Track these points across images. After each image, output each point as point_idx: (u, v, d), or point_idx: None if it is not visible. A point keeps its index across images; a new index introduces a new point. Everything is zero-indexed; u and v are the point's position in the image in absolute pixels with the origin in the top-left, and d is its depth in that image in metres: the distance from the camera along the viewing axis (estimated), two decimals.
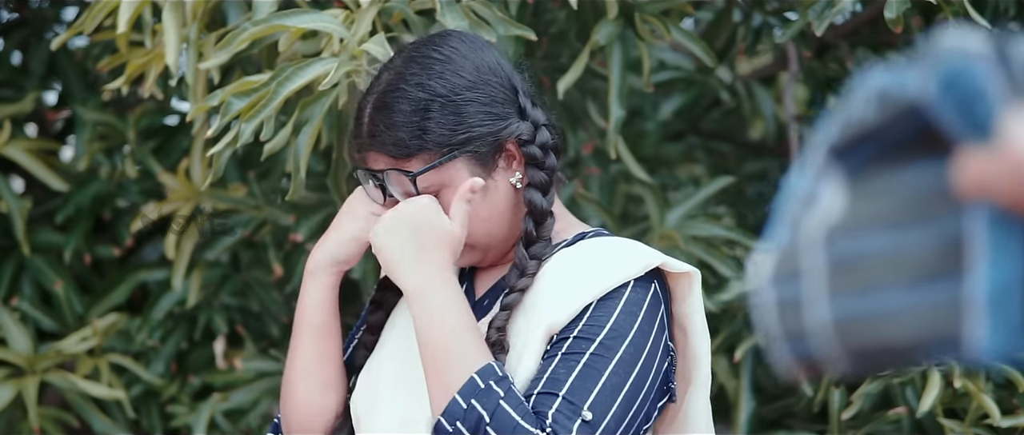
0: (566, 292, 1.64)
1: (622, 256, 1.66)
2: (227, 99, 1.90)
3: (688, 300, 1.69)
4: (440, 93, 1.66)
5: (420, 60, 1.69)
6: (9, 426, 2.86)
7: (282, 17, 1.94)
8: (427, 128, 1.65)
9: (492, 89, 1.69)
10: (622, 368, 1.60)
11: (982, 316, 0.65)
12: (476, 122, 1.67)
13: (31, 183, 3.16)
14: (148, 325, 2.94)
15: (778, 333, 0.74)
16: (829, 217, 0.71)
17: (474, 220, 1.69)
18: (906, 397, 2.51)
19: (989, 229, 0.65)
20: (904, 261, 0.67)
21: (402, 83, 1.67)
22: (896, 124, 0.67)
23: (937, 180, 0.66)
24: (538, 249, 1.70)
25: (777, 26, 2.95)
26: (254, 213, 2.88)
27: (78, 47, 3.16)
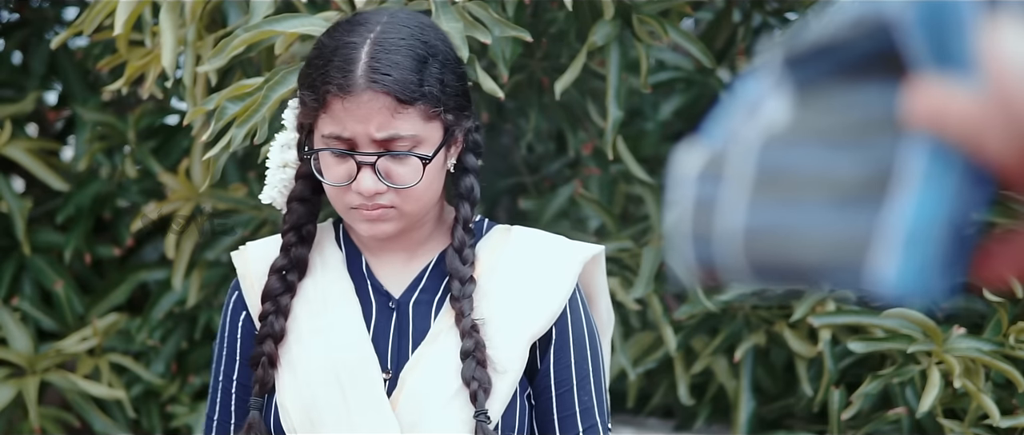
0: (534, 298, 1.69)
1: (563, 254, 1.74)
2: (222, 103, 1.90)
3: (597, 275, 1.79)
4: (439, 52, 1.65)
5: (417, 18, 1.68)
6: (9, 426, 2.86)
7: (273, 22, 1.94)
8: (428, 79, 1.62)
9: (465, 76, 1.71)
10: (603, 362, 1.77)
11: (896, 249, 0.63)
12: (457, 93, 1.67)
13: (31, 183, 3.16)
14: (148, 325, 2.94)
15: (685, 233, 0.72)
16: (769, 126, 0.68)
17: (429, 191, 1.66)
18: (906, 397, 2.51)
19: (927, 162, 0.63)
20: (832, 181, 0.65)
21: (405, 33, 1.64)
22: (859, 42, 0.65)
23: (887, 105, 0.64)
24: (469, 237, 1.72)
25: (777, 26, 2.95)
26: (254, 213, 2.88)
27: (78, 47, 3.17)
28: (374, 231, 1.67)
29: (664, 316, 2.65)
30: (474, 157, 1.74)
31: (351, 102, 1.62)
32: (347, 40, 1.65)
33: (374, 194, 1.63)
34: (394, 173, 1.64)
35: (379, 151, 1.62)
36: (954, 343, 2.38)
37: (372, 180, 1.63)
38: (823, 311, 2.58)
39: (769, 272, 0.68)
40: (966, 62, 0.61)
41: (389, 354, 1.70)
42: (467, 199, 1.72)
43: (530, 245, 1.74)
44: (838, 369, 2.57)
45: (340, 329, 1.70)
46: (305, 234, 1.76)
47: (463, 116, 1.69)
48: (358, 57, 1.62)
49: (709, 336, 2.80)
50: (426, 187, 1.66)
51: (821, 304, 2.62)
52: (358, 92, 1.61)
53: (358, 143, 1.63)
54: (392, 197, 1.64)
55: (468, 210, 1.72)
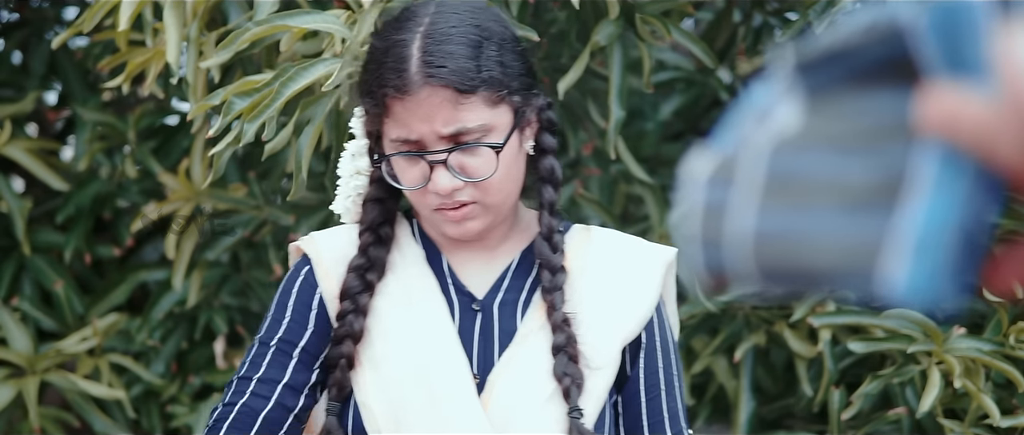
0: (626, 301, 1.65)
1: (648, 255, 1.69)
2: (229, 99, 1.90)
3: (669, 278, 1.73)
4: (495, 34, 1.57)
5: (464, 6, 1.61)
6: (9, 426, 2.86)
7: (284, 17, 1.94)
8: (486, 64, 1.55)
9: (525, 49, 1.64)
10: (682, 366, 1.74)
11: (907, 255, 0.63)
12: (522, 72, 1.59)
13: (31, 183, 3.16)
14: (148, 325, 2.94)
15: (694, 237, 0.72)
16: (780, 131, 0.68)
17: (509, 178, 1.59)
18: (906, 397, 2.51)
19: (939, 168, 0.63)
20: (844, 186, 0.65)
21: (456, 19, 1.57)
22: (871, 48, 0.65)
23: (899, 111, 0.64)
24: (557, 221, 1.65)
25: (777, 26, 2.95)
26: (254, 213, 2.88)
27: (78, 47, 3.17)
28: (462, 231, 1.62)
29: None
30: (551, 136, 1.66)
31: (411, 102, 1.55)
32: (397, 38, 1.59)
33: (452, 192, 1.57)
34: (469, 166, 1.57)
35: (449, 147, 1.56)
36: (954, 343, 2.38)
37: (448, 178, 1.56)
38: (823, 311, 2.59)
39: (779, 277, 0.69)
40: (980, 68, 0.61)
41: (474, 357, 1.63)
42: (550, 181, 1.65)
43: (615, 246, 1.69)
44: (838, 369, 2.57)
45: (427, 327, 1.64)
46: (383, 235, 1.69)
47: (532, 95, 1.61)
48: (410, 54, 1.56)
49: (709, 336, 2.80)
50: (506, 176, 1.59)
51: (821, 304, 2.62)
52: (415, 90, 1.55)
53: (426, 142, 1.56)
54: (472, 192, 1.58)
55: (552, 193, 1.65)
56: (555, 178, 1.65)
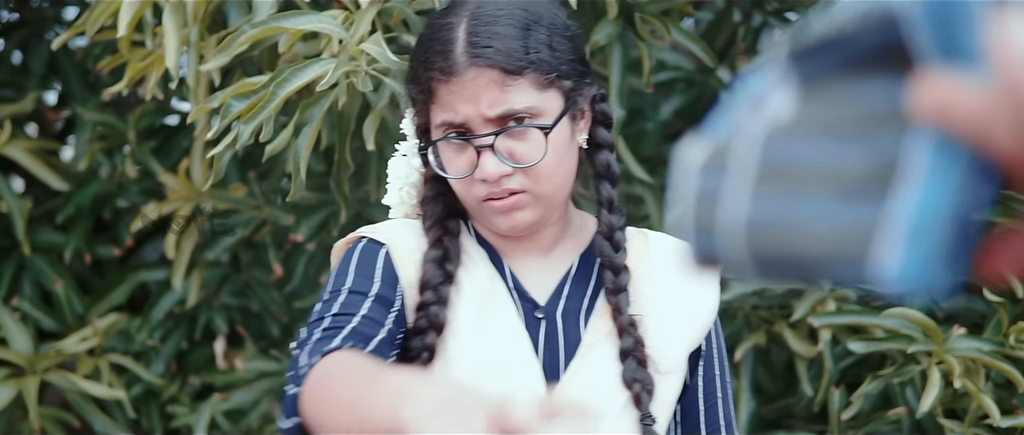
0: (690, 307, 1.60)
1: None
2: (227, 101, 1.90)
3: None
4: (545, 18, 1.52)
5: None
6: (9, 426, 2.86)
7: (281, 19, 1.94)
8: (534, 46, 1.49)
9: (578, 37, 1.57)
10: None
11: (899, 243, 0.63)
12: (572, 58, 1.53)
13: (31, 183, 3.16)
14: (148, 325, 2.94)
15: (688, 224, 0.71)
16: (774, 118, 0.68)
17: (560, 167, 1.52)
18: (906, 397, 2.51)
19: (932, 156, 0.62)
20: (837, 174, 0.65)
21: (502, 5, 1.52)
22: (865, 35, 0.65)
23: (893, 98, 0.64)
24: (617, 218, 1.58)
25: (777, 26, 2.95)
26: (254, 213, 2.88)
27: (78, 47, 3.17)
28: (511, 222, 1.54)
29: None
30: (606, 130, 1.59)
31: (456, 83, 1.49)
32: (443, 22, 1.54)
33: (500, 178, 1.50)
34: (517, 152, 1.50)
35: (495, 130, 1.49)
36: (954, 343, 2.38)
37: (495, 163, 1.49)
38: (823, 311, 2.58)
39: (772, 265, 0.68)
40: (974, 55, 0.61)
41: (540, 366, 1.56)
42: (607, 177, 1.58)
43: (674, 249, 1.62)
44: (838, 369, 2.57)
45: (499, 330, 1.56)
46: (451, 228, 1.61)
47: (583, 83, 1.54)
48: (456, 36, 1.51)
49: None
50: (556, 163, 1.52)
51: (821, 304, 2.62)
52: (461, 71, 1.49)
53: (472, 126, 1.50)
54: (521, 179, 1.51)
55: (610, 189, 1.58)
56: (612, 174, 1.58)
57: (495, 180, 1.50)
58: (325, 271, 2.90)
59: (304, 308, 2.98)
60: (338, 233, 2.84)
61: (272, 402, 2.92)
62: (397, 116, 2.08)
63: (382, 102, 2.02)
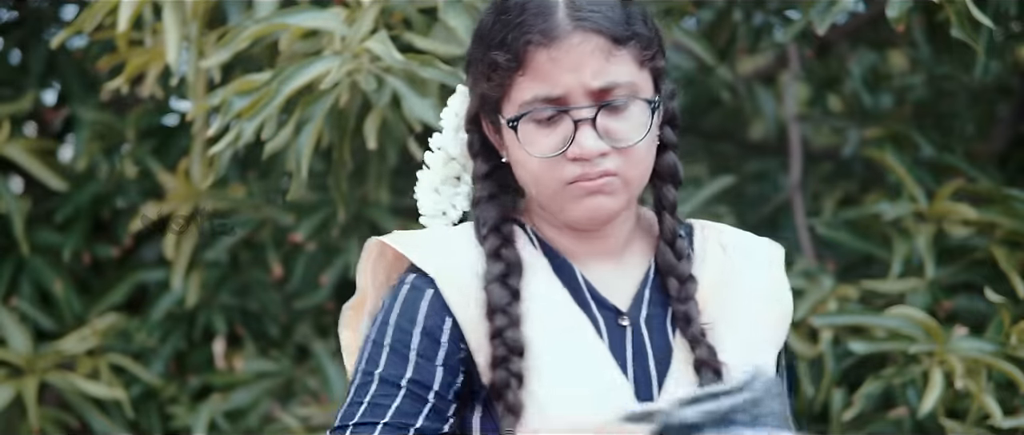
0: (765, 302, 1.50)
1: (770, 254, 1.55)
2: (228, 98, 1.90)
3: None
4: (640, 3, 1.45)
5: None
6: (8, 426, 2.85)
7: (283, 15, 1.94)
8: (636, 19, 1.42)
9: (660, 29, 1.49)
10: None
11: None
12: (660, 44, 1.46)
13: (30, 183, 3.15)
14: (147, 325, 2.93)
15: None
16: None
17: (648, 153, 1.43)
18: (907, 398, 2.50)
19: None
20: None
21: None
22: None
23: None
24: (679, 225, 1.49)
25: (778, 25, 2.95)
26: (254, 213, 2.87)
27: (77, 47, 3.16)
28: (596, 206, 1.42)
29: None
30: (672, 131, 1.49)
31: (558, 49, 1.39)
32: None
33: (598, 156, 1.39)
34: (615, 130, 1.40)
35: (598, 104, 1.39)
36: (956, 343, 2.37)
37: (594, 138, 1.38)
38: (824, 311, 2.58)
39: None
40: None
41: (630, 380, 1.44)
42: (672, 180, 1.48)
43: (743, 246, 1.53)
44: (839, 369, 2.57)
45: (581, 350, 1.43)
46: (506, 234, 1.47)
47: (664, 76, 1.47)
48: (557, 2, 1.41)
49: None
50: (648, 148, 1.43)
51: (822, 304, 2.62)
52: (565, 36, 1.39)
53: (572, 98, 1.40)
54: (615, 160, 1.40)
55: (673, 193, 1.48)
56: (677, 176, 1.49)
57: (591, 159, 1.40)
58: (325, 271, 2.89)
59: (304, 308, 2.98)
60: (338, 233, 2.84)
61: (272, 403, 2.91)
62: (398, 115, 2.08)
63: (383, 100, 2.02)
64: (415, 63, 1.92)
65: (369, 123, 2.06)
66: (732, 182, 2.94)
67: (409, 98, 1.96)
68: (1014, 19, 2.88)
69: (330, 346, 2.94)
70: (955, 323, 2.51)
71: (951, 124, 3.32)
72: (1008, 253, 2.55)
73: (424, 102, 1.94)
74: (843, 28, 3.16)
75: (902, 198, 2.69)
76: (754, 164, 3.66)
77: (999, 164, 3.23)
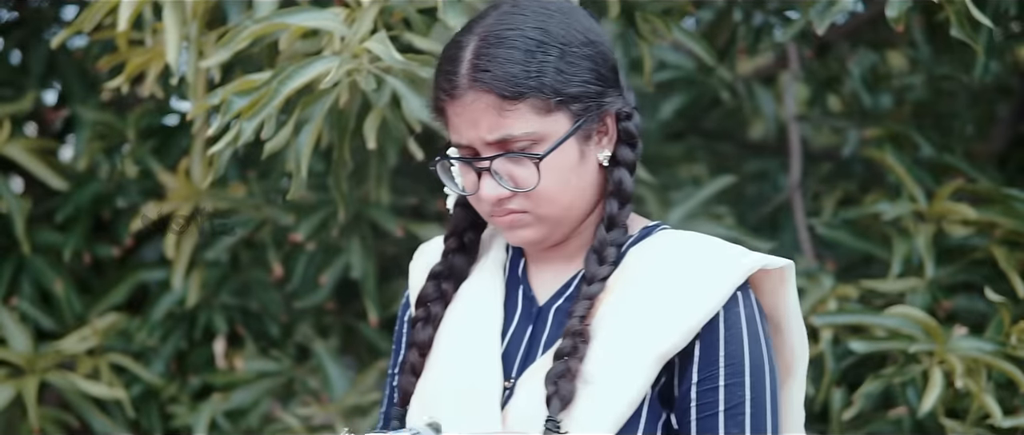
0: (668, 308, 1.52)
1: (720, 260, 1.54)
2: (228, 98, 1.90)
3: (782, 294, 1.59)
4: (559, 38, 1.51)
5: (536, 6, 1.55)
6: (9, 426, 2.85)
7: (283, 15, 1.94)
8: (544, 70, 1.49)
9: (604, 54, 1.56)
10: (773, 400, 1.54)
11: None
12: (588, 79, 1.52)
13: (30, 182, 3.15)
14: (148, 325, 2.93)
15: None
16: None
17: (564, 190, 1.53)
18: (907, 397, 2.50)
19: None
20: None
21: (518, 21, 1.52)
22: None
23: None
24: (618, 235, 1.56)
25: (778, 25, 2.95)
26: (254, 213, 2.87)
27: (77, 47, 3.16)
28: (516, 239, 1.57)
29: None
30: (628, 149, 1.57)
31: (458, 105, 1.52)
32: (457, 40, 1.55)
33: (498, 200, 1.53)
34: (516, 175, 1.52)
35: (492, 154, 1.51)
36: (956, 343, 2.37)
37: (492, 186, 1.52)
38: (824, 310, 2.58)
39: None
40: None
41: (518, 361, 1.57)
42: (615, 195, 1.56)
43: (683, 251, 1.56)
44: (839, 369, 2.57)
45: (474, 335, 1.60)
46: (466, 242, 1.66)
47: (602, 103, 1.53)
48: (463, 57, 1.52)
49: None
50: (559, 186, 1.53)
51: (822, 303, 2.62)
52: (462, 94, 1.51)
53: (476, 148, 1.53)
54: (522, 201, 1.53)
55: (615, 207, 1.56)
56: (622, 192, 1.56)
57: (494, 202, 1.53)
58: (325, 271, 2.89)
59: (304, 308, 2.98)
60: (338, 233, 2.84)
61: (272, 402, 2.91)
62: (398, 115, 2.08)
63: (383, 100, 2.02)
64: (415, 63, 1.93)
65: (369, 123, 2.06)
66: (732, 182, 2.94)
67: (409, 98, 1.96)
68: (1014, 19, 2.88)
69: (330, 346, 2.94)
70: (955, 323, 2.51)
71: (951, 124, 3.32)
72: (1008, 253, 2.55)
73: (424, 102, 1.94)
74: (843, 28, 3.17)
75: (902, 198, 2.70)
76: (754, 164, 3.66)
77: (999, 164, 3.23)
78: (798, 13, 2.50)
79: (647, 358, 1.50)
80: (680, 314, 1.51)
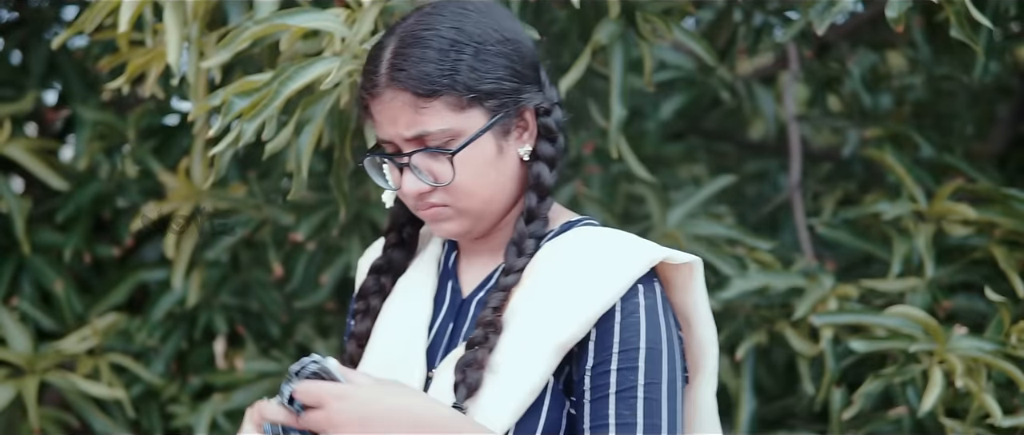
0: (569, 299, 1.57)
1: (622, 253, 1.60)
2: (229, 98, 1.90)
3: (691, 289, 1.65)
4: (475, 39, 1.58)
5: (454, 7, 1.62)
6: (9, 426, 2.85)
7: (284, 16, 1.94)
8: (458, 68, 1.56)
9: (521, 51, 1.63)
10: (671, 388, 1.57)
11: None
12: (504, 76, 1.59)
13: (31, 182, 3.15)
14: (148, 325, 2.93)
15: None
16: None
17: (482, 184, 1.61)
18: (907, 397, 2.51)
19: None
20: None
21: (435, 22, 1.59)
22: None
23: None
24: (537, 227, 1.64)
25: (778, 26, 2.95)
26: (254, 213, 2.87)
27: (78, 47, 3.16)
28: (440, 231, 1.65)
29: None
30: (548, 143, 1.65)
31: (379, 103, 1.60)
32: (380, 41, 1.63)
33: (418, 194, 1.61)
34: (434, 170, 1.60)
35: (410, 150, 1.59)
36: (956, 343, 2.37)
37: (412, 181, 1.60)
38: (825, 310, 2.58)
39: None
40: None
41: (441, 352, 1.65)
42: (534, 188, 1.63)
43: (591, 245, 1.62)
44: (839, 368, 2.57)
45: (403, 328, 1.68)
46: (405, 236, 1.76)
47: (518, 99, 1.61)
48: (383, 57, 1.60)
49: None
50: (477, 180, 1.60)
51: (823, 303, 2.62)
52: (381, 92, 1.59)
53: (397, 145, 1.61)
54: (442, 195, 1.61)
55: (533, 200, 1.63)
56: (540, 185, 1.63)
57: (415, 196, 1.61)
58: (326, 270, 2.90)
59: (304, 308, 2.98)
60: (338, 233, 2.84)
61: None
62: None
63: None
64: None
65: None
66: (732, 182, 2.94)
67: None
68: (1014, 19, 2.88)
69: (331, 345, 2.94)
70: (955, 322, 2.51)
71: (951, 124, 3.33)
72: (1007, 253, 2.55)
73: None
74: (843, 28, 3.17)
75: (902, 198, 2.70)
76: (754, 164, 3.66)
77: (999, 164, 3.23)
78: (798, 13, 2.50)
79: (547, 348, 1.56)
80: (580, 305, 1.56)
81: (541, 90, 1.65)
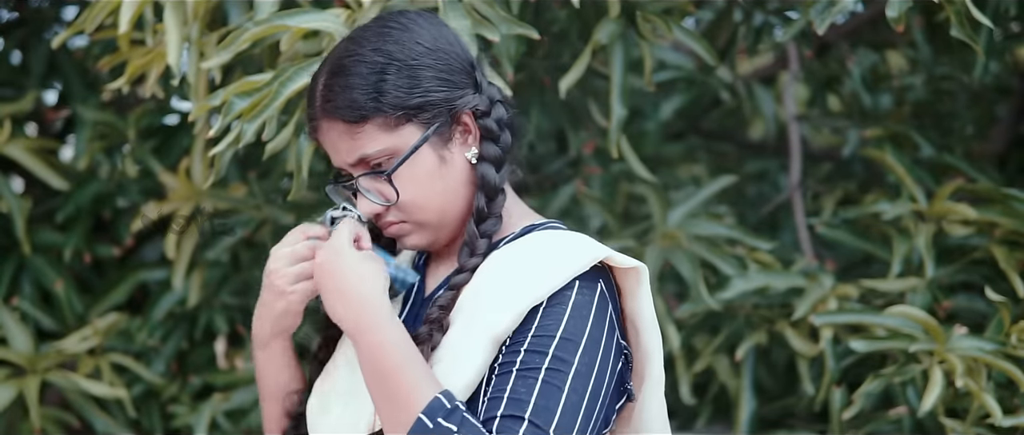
0: (506, 293, 1.60)
1: (565, 252, 1.62)
2: (229, 99, 1.90)
3: (637, 296, 1.66)
4: (397, 57, 1.63)
5: (377, 29, 1.67)
6: (10, 426, 2.85)
7: (284, 17, 1.94)
8: (383, 90, 1.61)
9: (449, 59, 1.66)
10: (579, 381, 1.56)
11: None
12: (432, 87, 1.63)
13: (31, 182, 3.15)
14: (148, 325, 2.94)
15: None
16: None
17: (430, 196, 1.66)
18: (907, 397, 2.51)
19: None
20: None
21: (358, 48, 1.64)
22: None
23: None
24: (489, 226, 1.68)
25: (778, 25, 2.95)
26: (254, 213, 2.87)
27: (78, 46, 3.16)
28: (407, 245, 1.72)
29: (666, 314, 2.65)
30: (492, 144, 1.69)
31: (321, 134, 1.67)
32: (314, 74, 1.69)
33: (374, 215, 1.68)
34: (382, 190, 1.67)
35: (358, 174, 1.67)
36: (956, 342, 2.38)
37: (366, 203, 1.67)
38: (825, 310, 2.58)
39: None
40: None
41: None
42: (482, 189, 1.68)
43: (539, 245, 1.66)
44: (839, 368, 2.57)
45: None
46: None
47: (452, 106, 1.65)
48: (317, 89, 1.67)
49: (710, 335, 2.80)
50: (425, 193, 1.66)
51: (823, 303, 2.62)
52: (319, 124, 1.66)
53: (347, 171, 1.69)
54: (396, 213, 1.68)
55: (482, 201, 1.68)
56: (487, 186, 1.67)
57: (373, 216, 1.67)
58: None
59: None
60: None
61: None
62: None
63: None
64: None
65: None
66: (732, 182, 2.94)
67: None
68: (1014, 19, 2.88)
69: None
70: (955, 322, 2.51)
71: (951, 124, 3.33)
72: (1008, 253, 2.55)
73: None
74: (843, 28, 3.17)
75: (902, 198, 2.70)
76: (754, 164, 3.66)
77: (998, 164, 3.23)
78: (798, 13, 2.50)
79: (483, 340, 1.59)
80: (514, 298, 1.60)
81: (478, 92, 1.68)
